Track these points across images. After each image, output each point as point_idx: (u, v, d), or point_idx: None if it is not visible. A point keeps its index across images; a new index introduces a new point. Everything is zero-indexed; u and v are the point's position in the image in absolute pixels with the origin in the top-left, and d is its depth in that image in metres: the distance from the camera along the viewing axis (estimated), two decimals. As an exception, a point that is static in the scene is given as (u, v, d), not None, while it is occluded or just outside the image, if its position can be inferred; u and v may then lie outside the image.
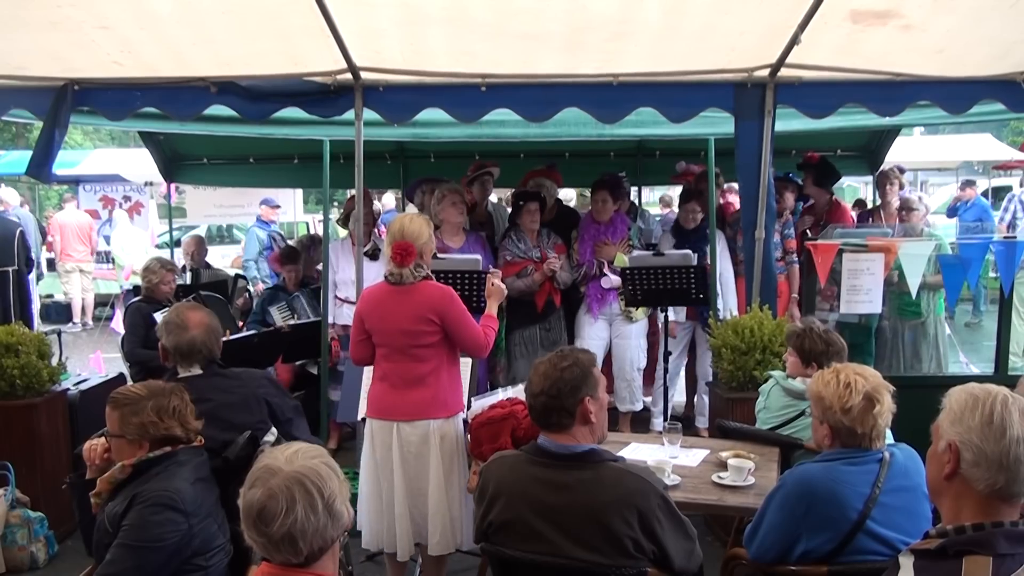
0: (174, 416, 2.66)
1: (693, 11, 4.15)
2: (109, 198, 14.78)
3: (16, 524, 4.38)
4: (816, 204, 6.48)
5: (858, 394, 2.61)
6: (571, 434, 2.55)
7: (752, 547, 2.73)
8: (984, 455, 1.79)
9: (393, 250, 3.68)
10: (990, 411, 1.80)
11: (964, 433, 1.82)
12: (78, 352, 8.99)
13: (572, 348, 2.69)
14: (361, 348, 3.85)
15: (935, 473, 1.89)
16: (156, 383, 2.79)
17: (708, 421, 6.05)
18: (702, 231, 6.07)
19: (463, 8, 4.11)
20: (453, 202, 5.66)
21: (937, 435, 1.90)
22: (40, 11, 4.07)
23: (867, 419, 2.60)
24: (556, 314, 5.99)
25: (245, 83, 4.76)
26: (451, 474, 3.75)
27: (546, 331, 5.95)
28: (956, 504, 1.85)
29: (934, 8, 4.09)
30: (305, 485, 1.81)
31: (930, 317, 5.99)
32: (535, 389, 2.57)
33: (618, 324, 6.03)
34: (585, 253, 6.01)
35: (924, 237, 5.50)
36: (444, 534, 3.72)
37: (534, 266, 5.79)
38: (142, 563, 2.43)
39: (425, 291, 3.70)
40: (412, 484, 3.72)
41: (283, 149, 7.28)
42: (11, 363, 4.63)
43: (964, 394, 1.87)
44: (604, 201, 6.01)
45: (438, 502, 3.71)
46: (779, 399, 3.72)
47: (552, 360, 2.59)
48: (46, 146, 4.81)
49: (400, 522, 3.72)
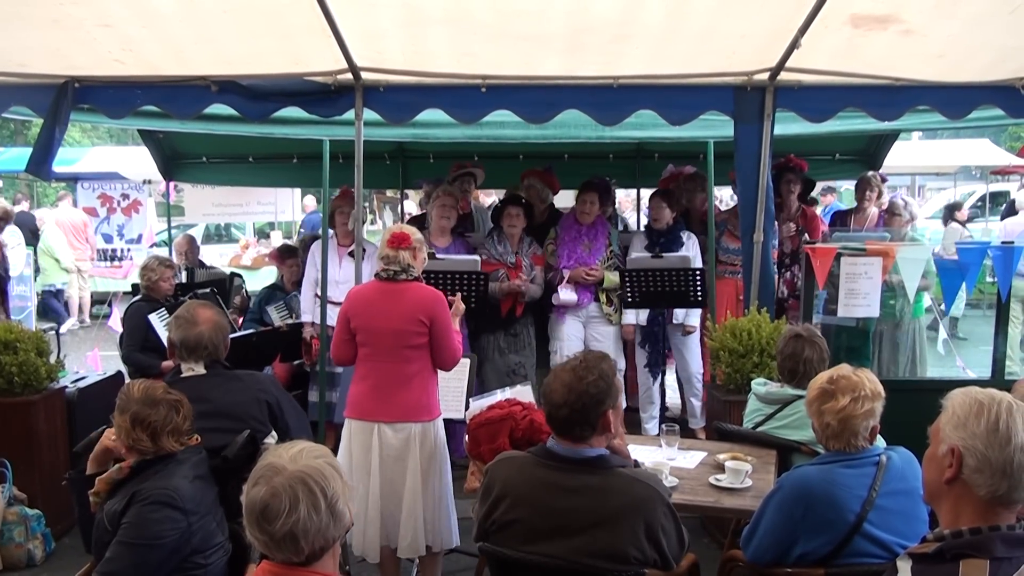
0: (146, 430, 2.60)
1: (694, 14, 4.16)
2: (108, 196, 14.75)
3: (13, 521, 4.37)
4: (788, 209, 6.38)
5: (847, 395, 2.67)
6: (588, 442, 2.54)
7: (749, 549, 2.74)
8: (988, 462, 1.78)
9: (391, 237, 3.73)
10: (995, 418, 1.79)
11: (968, 439, 1.80)
12: (75, 350, 8.98)
13: (594, 356, 2.62)
14: (344, 348, 3.81)
15: (934, 476, 1.88)
16: (158, 390, 2.73)
17: (702, 422, 6.06)
18: (674, 232, 6.02)
19: (464, 9, 4.12)
20: (443, 204, 5.72)
21: (937, 438, 1.89)
22: (42, 8, 4.08)
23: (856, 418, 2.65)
24: (523, 320, 5.91)
25: (246, 82, 4.77)
26: (428, 477, 3.74)
27: (513, 336, 5.89)
28: (955, 508, 1.84)
29: (935, 13, 4.10)
30: (308, 484, 1.82)
31: (905, 318, 6.00)
32: (557, 400, 2.51)
33: (594, 325, 5.94)
34: (563, 256, 5.90)
35: (907, 242, 5.51)
36: (415, 537, 3.71)
37: (507, 271, 5.77)
38: (141, 561, 2.43)
39: (418, 292, 3.72)
40: (387, 487, 3.71)
41: (282, 148, 7.28)
42: (9, 360, 4.63)
43: (967, 398, 1.85)
44: (592, 203, 5.92)
45: (412, 505, 3.70)
46: (752, 403, 3.80)
47: (576, 371, 2.52)
48: (46, 143, 4.81)
49: (371, 525, 3.71)
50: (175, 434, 2.66)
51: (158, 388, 2.74)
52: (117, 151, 16.35)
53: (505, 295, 5.72)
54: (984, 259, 5.06)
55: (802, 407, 3.16)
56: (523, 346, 5.90)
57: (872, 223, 6.30)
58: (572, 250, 5.89)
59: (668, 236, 6.00)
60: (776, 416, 3.59)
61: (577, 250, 5.89)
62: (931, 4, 4.04)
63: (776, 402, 3.61)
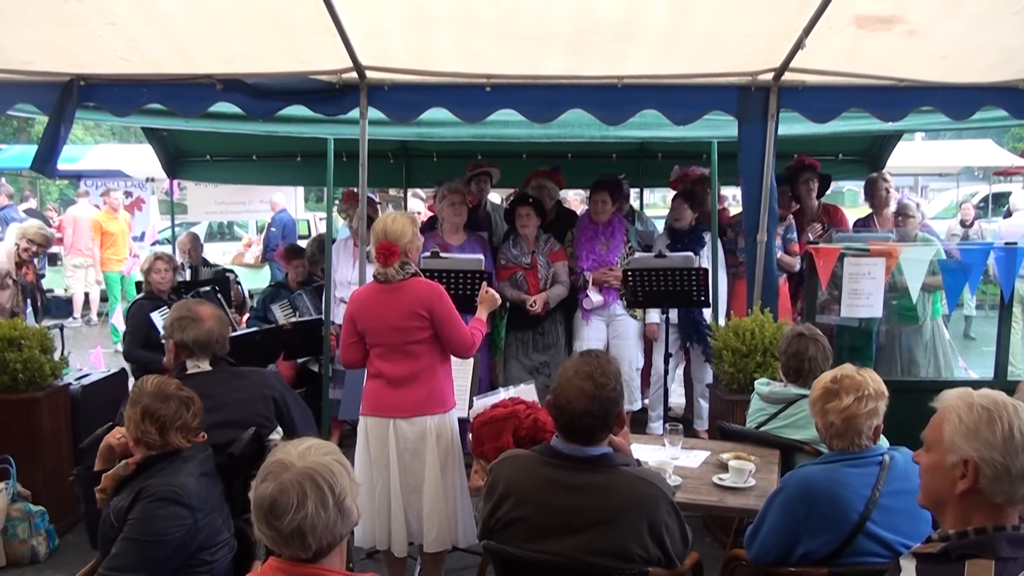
0: (155, 423, 2.62)
1: (698, 14, 4.16)
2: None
3: (17, 518, 4.38)
4: (810, 210, 6.42)
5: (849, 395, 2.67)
6: (594, 441, 2.55)
7: (752, 548, 2.75)
8: (1008, 471, 1.75)
9: (377, 250, 3.70)
10: (1009, 426, 1.76)
11: (984, 450, 1.77)
12: (79, 347, 8.98)
13: (604, 359, 2.60)
14: (353, 350, 3.83)
15: (943, 486, 1.84)
16: (171, 386, 2.75)
17: (707, 423, 6.06)
18: (696, 232, 6.07)
19: (469, 8, 4.12)
20: (452, 202, 5.73)
21: (942, 447, 1.84)
22: (47, 6, 4.09)
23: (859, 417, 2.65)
24: (551, 317, 5.98)
25: (251, 81, 4.77)
26: (447, 470, 3.75)
27: (540, 335, 5.95)
28: (965, 514, 1.81)
29: (939, 14, 4.10)
30: (317, 481, 1.83)
31: (927, 321, 5.99)
32: (578, 410, 2.48)
33: (616, 324, 6.00)
34: (582, 257, 5.97)
35: (919, 242, 5.51)
36: (440, 531, 3.73)
37: (524, 273, 5.79)
38: (147, 557, 2.44)
39: (414, 288, 3.72)
40: (408, 482, 3.73)
41: (286, 147, 7.30)
42: (14, 357, 4.64)
43: (972, 405, 1.82)
44: (604, 202, 5.99)
45: (434, 499, 3.71)
46: (755, 402, 3.81)
47: (594, 378, 2.50)
48: (51, 141, 4.82)
49: (396, 520, 3.73)
50: (183, 430, 2.67)
51: (171, 384, 2.77)
52: (120, 149, 16.40)
53: (519, 303, 5.76)
54: (987, 260, 5.06)
55: (805, 407, 3.17)
56: (550, 345, 5.94)
57: (890, 224, 6.29)
58: (590, 250, 5.95)
59: (691, 236, 6.05)
60: (779, 416, 3.60)
61: (595, 249, 5.94)
62: (935, 5, 4.04)
63: (779, 402, 3.61)
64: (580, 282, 5.91)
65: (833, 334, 5.49)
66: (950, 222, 12.74)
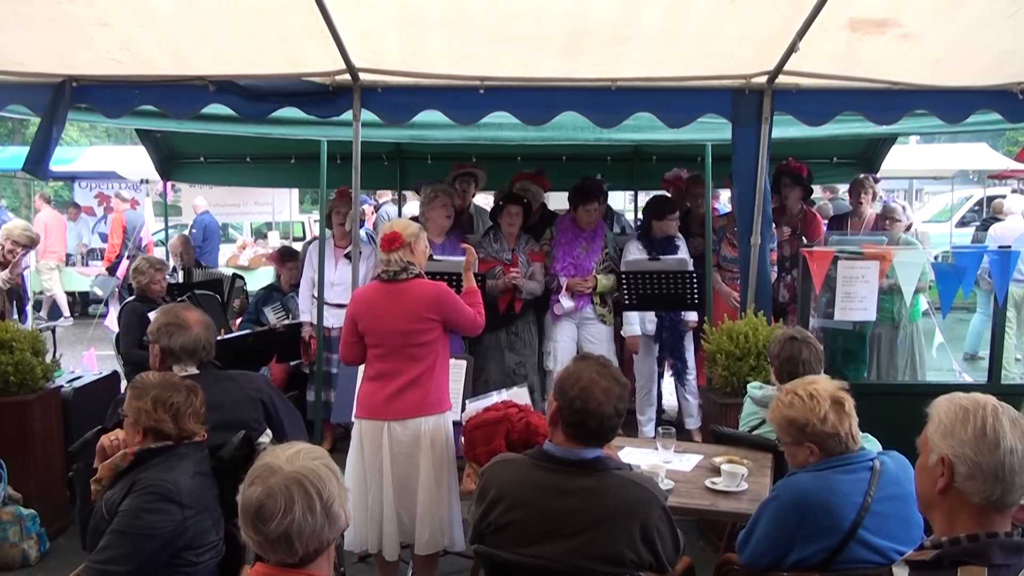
0: (168, 411, 2.65)
1: (692, 17, 4.16)
2: (104, 195, 14.77)
3: (8, 521, 4.35)
4: (789, 213, 6.40)
5: (825, 400, 2.65)
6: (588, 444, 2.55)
7: (744, 554, 2.74)
8: (980, 468, 1.76)
9: (382, 240, 3.75)
10: (982, 423, 1.77)
11: (957, 447, 1.79)
12: (69, 349, 8.95)
13: (603, 360, 2.61)
14: (353, 349, 3.84)
15: (927, 486, 1.87)
16: (174, 376, 2.80)
17: (698, 422, 6.03)
18: (670, 238, 5.97)
19: (463, 11, 4.12)
20: (443, 204, 5.71)
21: (926, 448, 1.87)
22: (40, 7, 4.07)
23: (843, 420, 2.64)
24: (524, 318, 5.91)
25: (244, 82, 4.76)
26: (441, 473, 3.74)
27: (514, 334, 5.89)
28: (950, 516, 1.83)
29: (933, 17, 4.11)
30: (304, 486, 1.81)
31: (903, 322, 6.01)
32: (608, 411, 2.47)
33: (588, 327, 5.89)
34: (559, 257, 5.87)
35: (903, 245, 5.51)
36: (433, 534, 3.72)
37: (502, 268, 5.76)
38: (134, 550, 2.43)
39: (419, 289, 3.71)
40: (401, 484, 3.71)
41: (280, 149, 7.28)
42: (5, 359, 4.61)
43: (952, 405, 1.84)
44: (595, 211, 5.90)
45: (427, 502, 3.70)
46: (748, 406, 3.81)
47: (616, 378, 2.52)
48: (43, 142, 4.80)
49: (388, 523, 3.71)
50: (195, 417, 2.72)
51: (173, 375, 2.82)
52: (115, 150, 16.35)
53: (502, 291, 5.72)
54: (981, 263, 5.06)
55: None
56: (523, 345, 5.90)
57: (868, 226, 6.29)
58: (568, 251, 5.87)
59: (664, 242, 5.97)
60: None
61: (574, 252, 5.87)
62: (929, 8, 4.04)
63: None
64: (554, 284, 5.85)
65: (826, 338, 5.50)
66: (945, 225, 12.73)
